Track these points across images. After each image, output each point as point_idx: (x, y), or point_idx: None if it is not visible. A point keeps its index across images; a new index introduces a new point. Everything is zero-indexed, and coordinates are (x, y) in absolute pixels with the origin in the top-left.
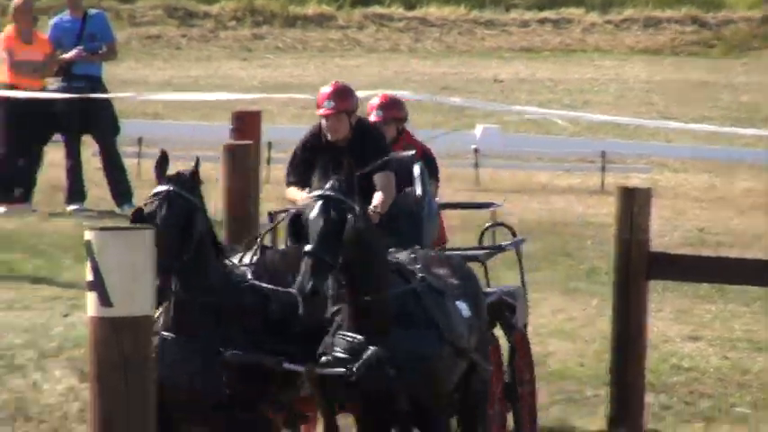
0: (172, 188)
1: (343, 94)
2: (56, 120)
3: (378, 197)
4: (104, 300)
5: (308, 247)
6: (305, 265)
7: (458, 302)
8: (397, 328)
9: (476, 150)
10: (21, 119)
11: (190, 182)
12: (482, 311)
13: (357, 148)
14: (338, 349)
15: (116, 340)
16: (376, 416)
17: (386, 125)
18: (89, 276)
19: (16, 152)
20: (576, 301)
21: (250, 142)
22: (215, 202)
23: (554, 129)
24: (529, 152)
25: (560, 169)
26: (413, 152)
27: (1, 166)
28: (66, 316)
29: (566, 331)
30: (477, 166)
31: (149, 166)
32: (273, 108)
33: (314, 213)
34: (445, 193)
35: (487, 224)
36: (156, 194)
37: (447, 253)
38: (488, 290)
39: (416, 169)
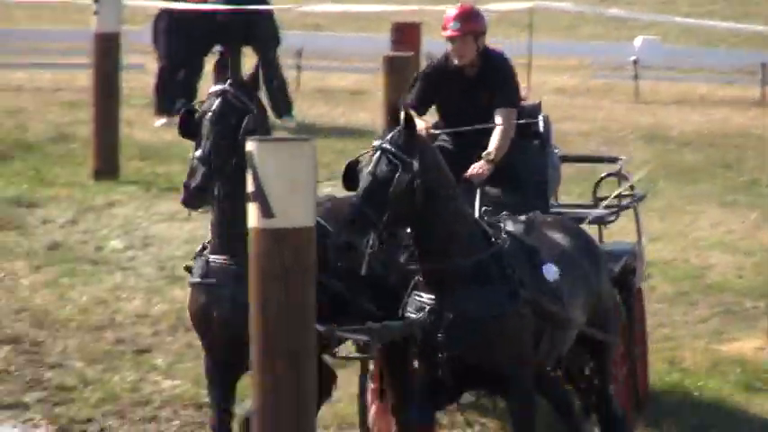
0: (227, 87)
1: (469, 16)
2: (217, 31)
3: (494, 141)
4: (266, 211)
5: (353, 199)
6: (346, 217)
7: (549, 264)
8: (469, 287)
9: (635, 62)
10: (182, 31)
11: (247, 85)
12: (602, 280)
13: (485, 79)
14: (410, 310)
15: (277, 251)
16: (441, 378)
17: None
18: (250, 187)
19: (177, 64)
20: (735, 214)
21: (410, 54)
22: (374, 113)
23: (714, 40)
24: (689, 64)
25: (720, 81)
26: (538, 101)
27: (162, 78)
28: None
29: (725, 244)
30: (636, 78)
31: (309, 78)
32: (432, 20)
33: (366, 165)
34: (604, 106)
35: (603, 175)
36: (210, 93)
37: (565, 217)
38: (612, 247)
39: (541, 120)
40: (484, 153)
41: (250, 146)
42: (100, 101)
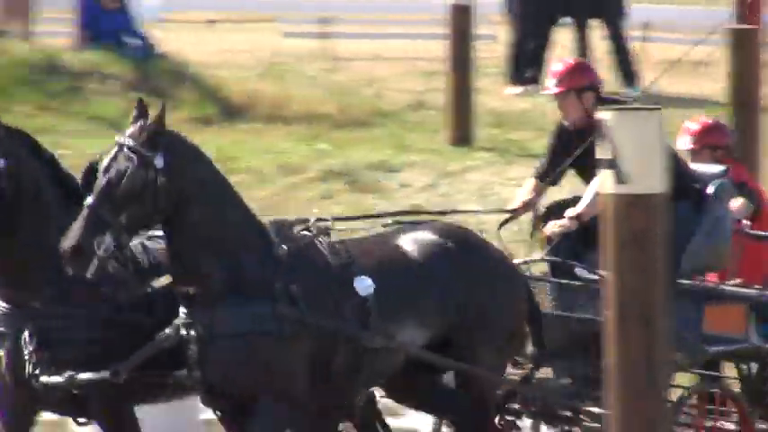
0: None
1: (571, 71)
2: (566, 3)
3: (584, 199)
4: (619, 177)
5: (88, 200)
6: (78, 218)
7: (360, 277)
8: (227, 300)
9: None
10: (532, 3)
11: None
12: (477, 291)
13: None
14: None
15: (630, 216)
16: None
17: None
18: (605, 155)
19: (527, 34)
20: None
21: (756, 27)
22: (717, 85)
23: None
24: None
25: None
26: (723, 167)
27: (515, 49)
28: None
29: None
30: None
31: (655, 49)
32: None
33: (103, 162)
34: None
35: None
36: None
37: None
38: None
39: (711, 186)
40: (567, 211)
41: (604, 115)
42: (455, 70)
